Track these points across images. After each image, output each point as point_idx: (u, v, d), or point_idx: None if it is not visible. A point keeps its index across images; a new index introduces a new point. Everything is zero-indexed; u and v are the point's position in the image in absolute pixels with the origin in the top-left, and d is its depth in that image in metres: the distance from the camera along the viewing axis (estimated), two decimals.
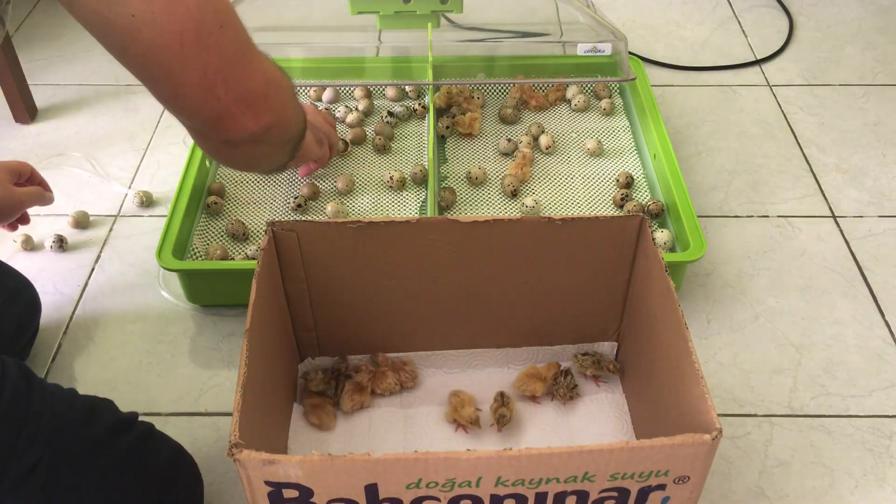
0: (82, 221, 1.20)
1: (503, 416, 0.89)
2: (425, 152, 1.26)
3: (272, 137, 0.70)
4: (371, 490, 0.65)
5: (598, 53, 1.28)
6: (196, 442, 0.92)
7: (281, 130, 0.71)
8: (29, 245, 1.16)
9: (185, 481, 0.82)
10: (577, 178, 1.23)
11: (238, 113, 0.64)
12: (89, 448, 0.73)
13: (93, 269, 1.14)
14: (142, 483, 0.76)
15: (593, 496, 0.68)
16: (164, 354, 1.03)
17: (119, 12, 0.57)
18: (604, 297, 0.93)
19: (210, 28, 0.60)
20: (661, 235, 1.09)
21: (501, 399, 0.90)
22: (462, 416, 0.90)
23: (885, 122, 1.42)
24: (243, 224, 1.12)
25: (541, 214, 0.99)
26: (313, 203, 1.18)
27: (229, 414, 0.95)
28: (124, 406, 0.80)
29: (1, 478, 0.68)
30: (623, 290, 0.92)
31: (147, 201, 1.24)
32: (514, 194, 1.18)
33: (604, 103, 1.34)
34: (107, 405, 0.78)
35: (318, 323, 0.93)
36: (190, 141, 1.22)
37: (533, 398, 0.93)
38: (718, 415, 0.67)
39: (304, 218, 1.15)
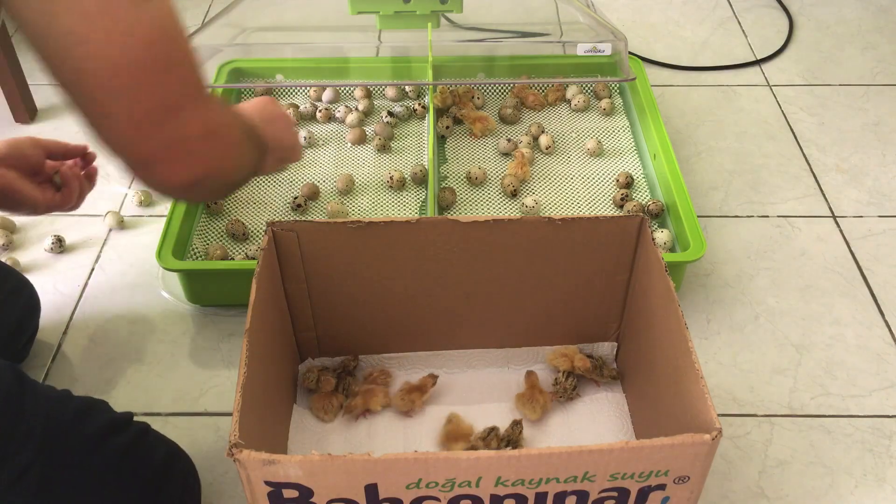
0: (145, 200, 1.24)
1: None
2: (425, 152, 1.26)
3: (207, 186, 0.64)
4: (371, 490, 0.65)
5: (598, 53, 1.28)
6: (196, 442, 0.92)
7: (216, 180, 0.64)
8: (8, 245, 1.16)
9: (180, 481, 0.82)
10: (577, 178, 1.23)
11: (165, 160, 0.59)
12: (83, 448, 0.73)
13: (93, 269, 1.14)
14: (137, 482, 0.76)
15: (593, 496, 0.68)
16: (164, 354, 1.03)
17: (55, 26, 0.53)
18: (604, 297, 0.93)
19: (152, 69, 0.55)
20: (661, 235, 1.09)
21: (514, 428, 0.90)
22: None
23: (885, 122, 1.42)
24: (243, 224, 1.12)
25: (541, 214, 0.99)
26: (313, 203, 1.18)
27: (229, 414, 0.95)
28: (124, 406, 0.80)
29: None
30: (623, 290, 0.92)
31: (147, 201, 1.24)
32: (514, 194, 1.18)
33: (604, 103, 1.34)
34: (100, 405, 0.78)
35: (318, 323, 0.93)
36: None
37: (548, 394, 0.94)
38: (718, 415, 0.67)
39: (304, 218, 1.15)
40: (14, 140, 0.86)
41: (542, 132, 1.29)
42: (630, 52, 1.34)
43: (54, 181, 0.90)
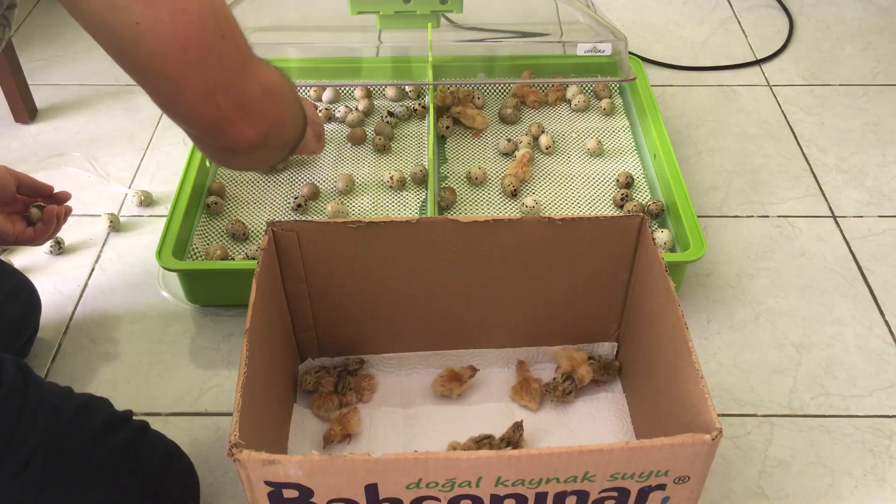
0: (145, 200, 1.24)
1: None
2: (425, 152, 1.26)
3: (271, 143, 0.70)
4: (371, 490, 0.65)
5: (598, 53, 1.28)
6: (196, 442, 0.92)
7: (279, 136, 0.71)
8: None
9: (180, 481, 0.82)
10: (577, 178, 1.23)
11: (236, 121, 0.65)
12: (83, 443, 0.73)
13: (93, 269, 1.14)
14: (135, 479, 0.76)
15: (593, 496, 0.68)
16: (164, 354, 1.03)
17: (123, 19, 0.58)
18: (604, 297, 0.93)
19: (212, 38, 0.61)
20: (661, 235, 1.09)
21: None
22: None
23: (885, 122, 1.42)
24: (243, 224, 1.12)
25: (541, 214, 0.99)
26: (313, 203, 1.18)
27: (229, 414, 0.95)
28: (124, 406, 0.80)
29: None
30: (623, 290, 0.92)
31: (147, 201, 1.24)
32: (514, 194, 1.18)
33: (604, 103, 1.34)
34: (101, 403, 0.79)
35: (318, 323, 0.93)
36: (190, 141, 1.22)
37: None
38: (718, 415, 0.67)
39: (304, 218, 1.15)
40: None
41: (542, 132, 1.29)
42: (630, 52, 1.34)
43: (30, 216, 0.93)
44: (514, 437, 0.87)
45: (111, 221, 1.19)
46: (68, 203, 0.96)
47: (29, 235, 0.91)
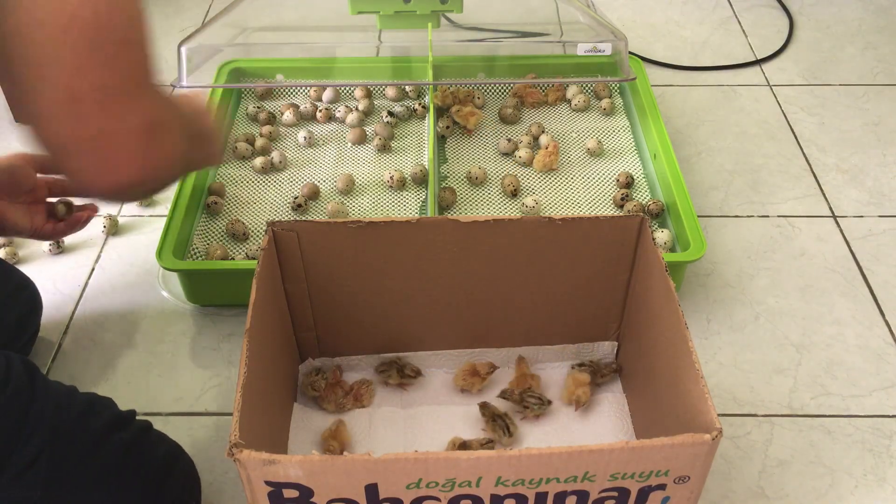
0: (145, 200, 1.24)
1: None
2: (425, 152, 1.27)
3: (132, 193, 0.57)
4: (371, 490, 0.65)
5: (598, 53, 1.28)
6: (196, 442, 0.92)
7: (147, 187, 0.57)
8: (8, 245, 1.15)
9: (181, 480, 0.82)
10: (577, 178, 1.23)
11: (96, 151, 0.51)
12: (88, 442, 0.74)
13: (93, 269, 1.14)
14: (138, 478, 0.76)
15: (593, 496, 0.68)
16: (164, 354, 1.03)
17: None
18: (604, 297, 0.93)
19: (108, 34, 0.49)
20: (661, 235, 1.09)
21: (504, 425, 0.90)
22: None
23: (885, 122, 1.42)
24: (243, 224, 1.12)
25: (541, 214, 0.99)
26: (313, 203, 1.18)
27: (229, 414, 0.95)
28: (124, 406, 0.80)
29: (4, 467, 0.69)
30: (623, 290, 0.92)
31: (147, 201, 1.24)
32: (515, 194, 1.18)
33: (604, 103, 1.34)
34: (105, 402, 0.79)
35: (318, 323, 0.93)
36: None
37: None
38: (718, 415, 0.67)
39: (304, 218, 1.15)
40: (8, 164, 0.84)
41: (542, 132, 1.29)
42: (630, 52, 1.34)
43: (55, 211, 0.89)
44: (497, 413, 0.88)
45: (105, 226, 1.19)
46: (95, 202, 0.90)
47: (47, 231, 0.86)
